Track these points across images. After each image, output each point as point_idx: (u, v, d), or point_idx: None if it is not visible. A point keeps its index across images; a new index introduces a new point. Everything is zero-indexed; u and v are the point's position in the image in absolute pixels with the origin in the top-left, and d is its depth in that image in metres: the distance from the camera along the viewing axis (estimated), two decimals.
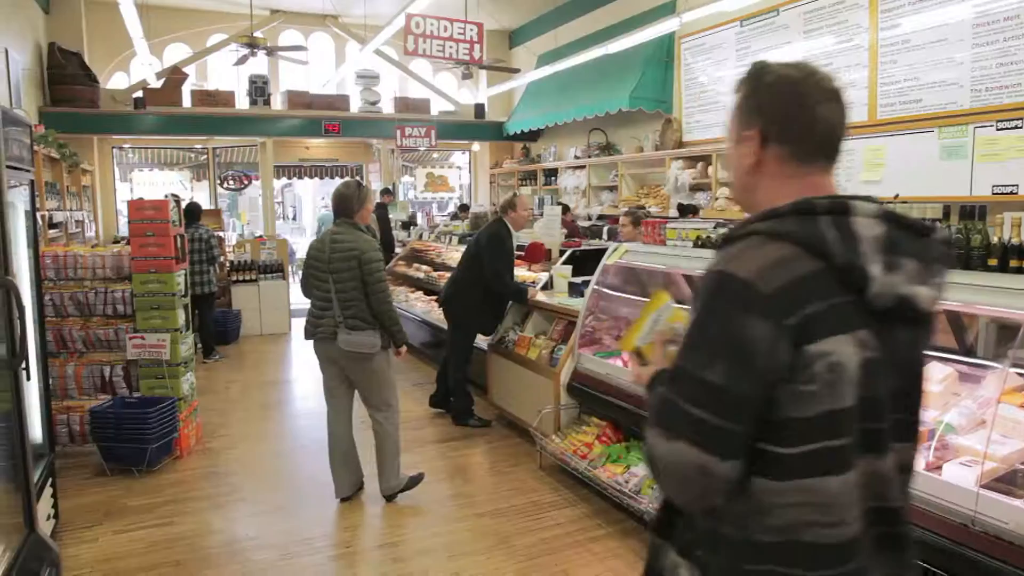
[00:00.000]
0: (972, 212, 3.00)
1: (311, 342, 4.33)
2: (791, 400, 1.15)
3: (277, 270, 9.61)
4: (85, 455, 5.00)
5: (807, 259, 1.17)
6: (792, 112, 1.30)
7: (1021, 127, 5.07)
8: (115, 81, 11.30)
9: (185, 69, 11.02)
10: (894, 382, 1.24)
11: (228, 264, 9.37)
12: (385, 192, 10.53)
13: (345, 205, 4.18)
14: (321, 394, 4.51)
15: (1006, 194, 5.16)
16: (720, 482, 1.17)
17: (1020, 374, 3.06)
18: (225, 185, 13.17)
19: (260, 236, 10.70)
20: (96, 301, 5.10)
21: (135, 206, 5.19)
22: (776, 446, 1.17)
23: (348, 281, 4.08)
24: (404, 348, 4.38)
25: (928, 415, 3.05)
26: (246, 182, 13.28)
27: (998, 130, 5.22)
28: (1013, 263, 2.83)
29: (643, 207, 7.74)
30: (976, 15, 5.51)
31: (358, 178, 4.31)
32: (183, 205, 6.02)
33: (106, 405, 4.85)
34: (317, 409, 6.43)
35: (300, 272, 4.78)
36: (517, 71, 10.71)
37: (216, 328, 8.41)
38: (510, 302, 5.80)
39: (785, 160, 1.31)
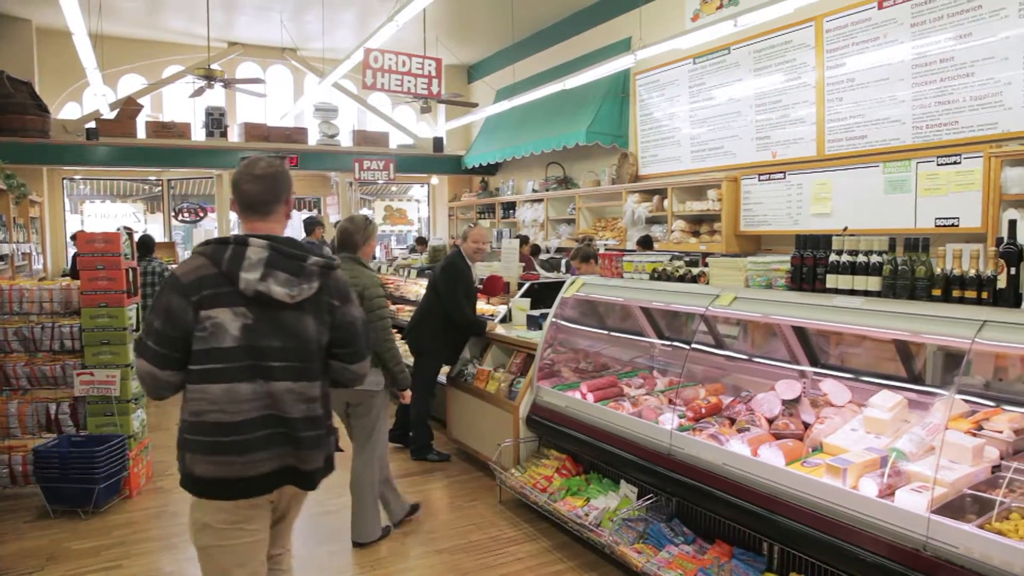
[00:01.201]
0: (916, 244, 3.10)
1: None
2: (196, 340, 2.13)
3: None
4: (27, 497, 4.82)
5: (209, 266, 2.16)
6: (233, 188, 2.34)
7: (960, 163, 5.28)
8: (67, 111, 11.12)
9: (140, 100, 10.89)
10: (278, 341, 2.18)
11: None
12: (318, 223, 10.48)
13: (349, 239, 4.08)
14: None
15: (948, 226, 5.34)
16: (163, 383, 2.17)
17: (966, 400, 3.15)
18: (180, 217, 12.98)
19: None
20: (42, 336, 4.95)
21: (84, 238, 5.08)
22: (191, 365, 2.14)
23: None
24: (408, 392, 4.27)
25: (880, 442, 3.11)
26: (201, 214, 13.10)
27: (939, 165, 5.42)
28: (955, 293, 2.92)
29: (591, 241, 7.82)
30: (915, 56, 5.74)
31: (365, 212, 4.27)
32: (136, 237, 5.91)
33: (51, 444, 4.68)
34: None
35: None
36: (475, 105, 10.82)
37: None
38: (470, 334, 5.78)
39: (239, 214, 2.35)
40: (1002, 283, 2.80)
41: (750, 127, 7.32)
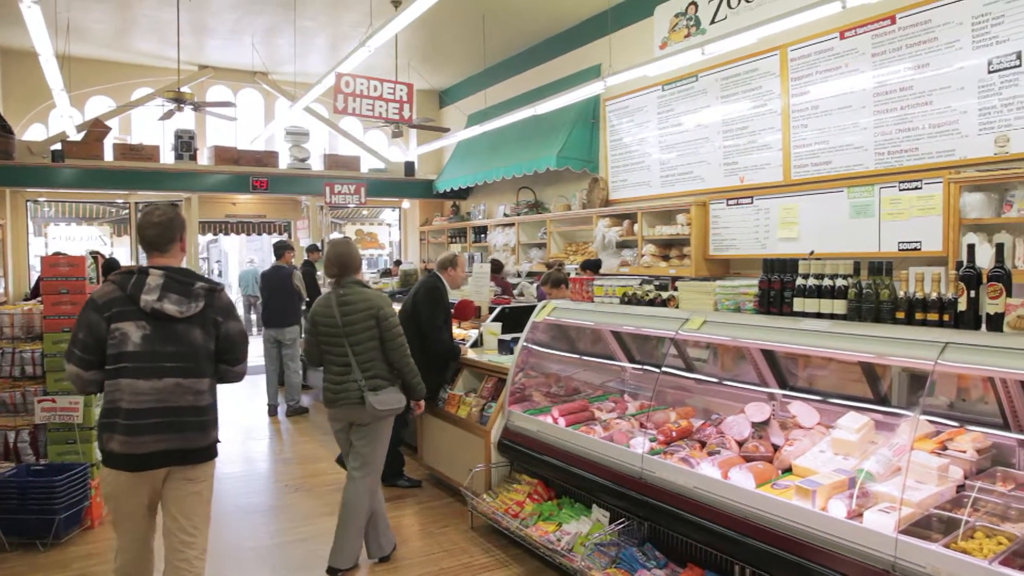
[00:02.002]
0: (880, 268, 3.16)
1: (329, 409, 4.14)
2: (109, 347, 2.80)
3: None
4: None
5: (117, 290, 2.84)
6: (138, 232, 3.15)
7: (921, 188, 5.40)
8: (32, 132, 10.96)
9: (108, 122, 10.77)
10: (172, 347, 2.84)
11: None
12: (312, 249, 10.39)
13: (352, 263, 4.12)
14: (246, 457, 4.38)
15: (911, 250, 5.46)
16: (88, 382, 2.86)
17: (930, 421, 3.21)
18: None
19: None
20: (2, 362, 4.84)
21: (49, 262, 4.99)
22: (107, 366, 2.82)
23: (366, 341, 3.99)
24: (423, 403, 4.33)
25: (848, 464, 3.14)
26: None
27: (900, 190, 5.54)
28: (918, 315, 2.98)
29: (561, 266, 7.85)
30: (876, 85, 5.89)
31: (345, 235, 4.22)
32: (102, 261, 5.81)
33: (9, 473, 4.56)
34: (242, 472, 6.20)
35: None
36: (447, 130, 10.86)
37: None
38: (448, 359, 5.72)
39: (144, 250, 3.01)
40: (963, 306, 2.86)
41: (718, 153, 7.44)
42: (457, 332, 6.49)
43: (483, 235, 11.63)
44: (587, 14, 9.21)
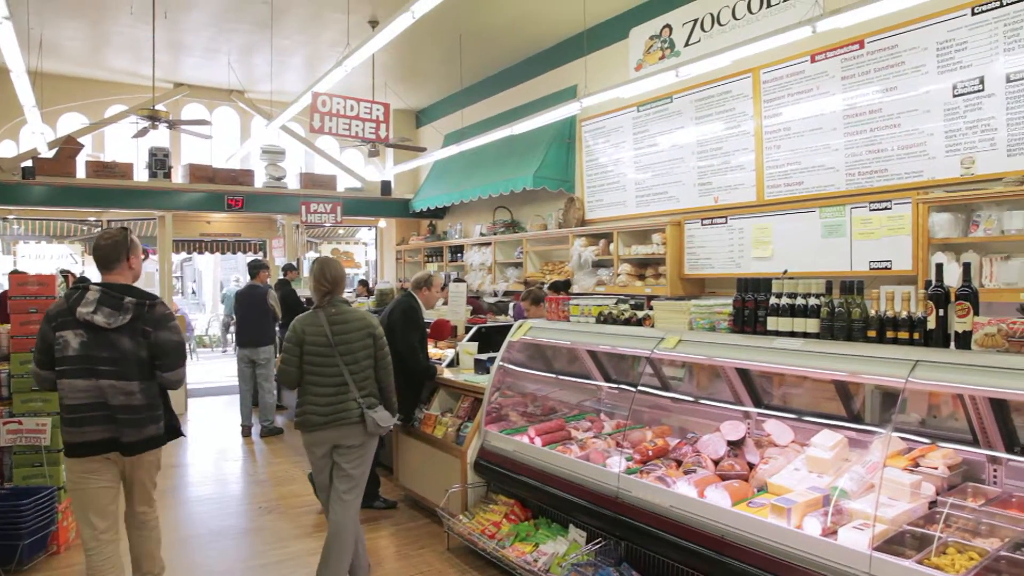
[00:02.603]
0: (852, 287, 3.21)
1: (307, 433, 3.97)
2: (55, 351, 3.28)
3: None
4: None
5: (64, 303, 3.33)
6: (91, 252, 3.60)
7: (890, 208, 5.49)
8: (2, 149, 10.81)
9: (81, 139, 10.65)
10: (105, 353, 3.28)
11: None
12: (289, 268, 10.32)
13: (343, 283, 4.14)
14: (219, 478, 4.32)
15: (881, 269, 5.54)
16: (43, 378, 3.38)
17: (902, 438, 3.24)
18: None
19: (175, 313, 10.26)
20: None
21: (16, 281, 4.90)
22: (56, 367, 3.29)
23: (363, 360, 3.96)
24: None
25: (823, 481, 3.16)
26: (143, 256, 12.77)
27: (871, 211, 5.63)
28: (889, 334, 3.02)
29: (541, 285, 7.86)
30: (846, 107, 6.00)
31: (312, 254, 4.22)
32: (72, 280, 5.73)
33: None
34: (214, 495, 6.10)
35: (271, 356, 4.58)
36: (423, 150, 10.88)
37: None
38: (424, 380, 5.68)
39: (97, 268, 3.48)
40: (932, 324, 2.90)
41: (692, 173, 7.52)
42: (433, 352, 6.47)
43: (459, 254, 11.63)
44: (563, 36, 9.30)
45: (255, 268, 8.76)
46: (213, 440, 8.19)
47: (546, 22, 8.88)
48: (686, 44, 7.56)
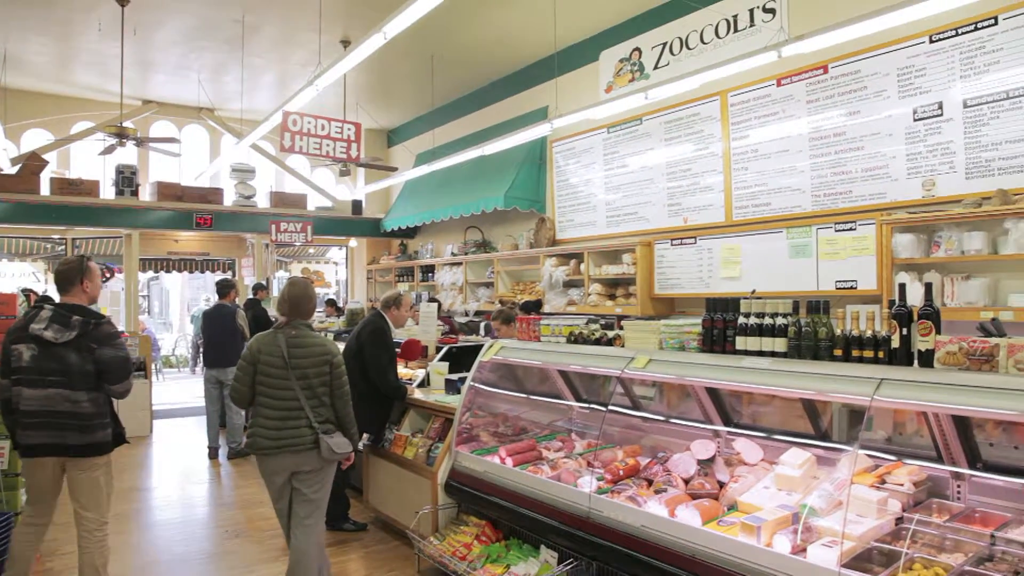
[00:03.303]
0: (818, 307, 3.26)
1: (264, 458, 3.89)
2: (11, 362, 3.72)
3: (139, 368, 9.08)
4: None
5: (22, 320, 3.80)
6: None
7: (855, 229, 5.60)
8: None
9: (46, 156, 10.48)
10: (54, 364, 3.68)
11: None
12: (259, 288, 10.21)
13: (305, 307, 4.03)
14: (184, 502, 4.25)
15: (847, 289, 5.63)
16: (2, 386, 3.76)
17: (869, 455, 3.29)
18: None
19: (121, 332, 10.08)
20: None
21: None
22: (12, 376, 3.73)
23: (319, 387, 3.88)
24: (353, 456, 4.13)
25: (792, 499, 3.19)
26: (108, 275, 12.56)
27: (836, 231, 5.73)
28: (855, 352, 3.07)
29: (514, 304, 7.87)
30: (811, 130, 6.13)
31: (302, 276, 4.13)
32: (34, 299, 5.61)
33: None
34: (178, 519, 5.98)
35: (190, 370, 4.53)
36: (395, 169, 10.88)
37: None
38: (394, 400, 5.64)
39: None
40: (896, 343, 2.95)
41: (662, 194, 7.61)
42: (404, 372, 6.43)
43: (431, 274, 11.61)
44: (534, 57, 9.39)
45: (224, 288, 8.66)
46: (178, 462, 8.03)
47: (518, 44, 8.97)
48: (655, 67, 7.68)
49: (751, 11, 6.64)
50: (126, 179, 11.01)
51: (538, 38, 8.59)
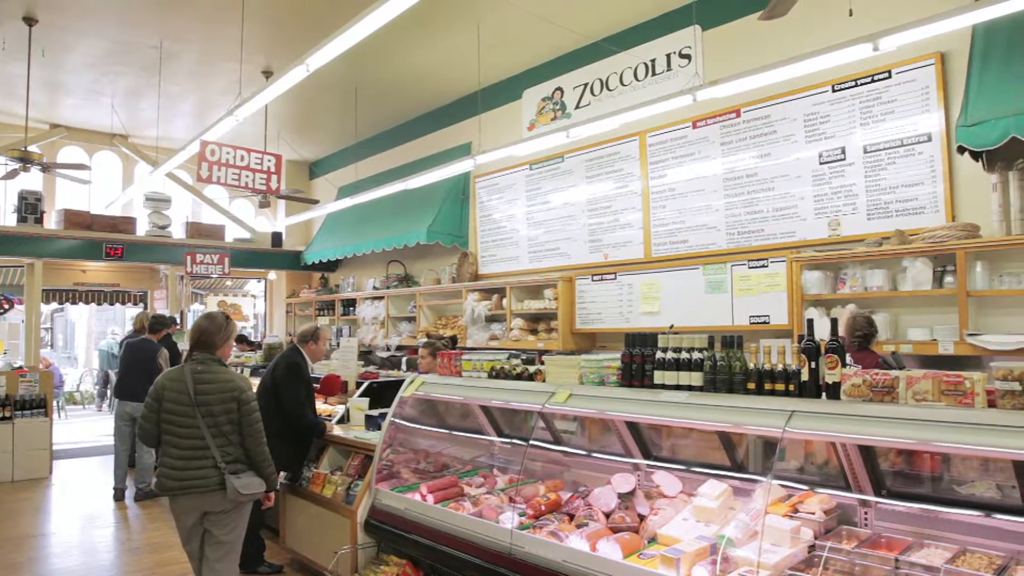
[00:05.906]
0: (732, 341, 3.35)
1: (171, 499, 3.74)
2: None
3: (38, 406, 8.58)
4: None
5: None
6: None
7: (767, 266, 5.83)
8: None
9: None
10: None
11: None
12: (171, 322, 9.83)
13: (208, 339, 3.85)
14: (87, 548, 4.02)
15: (760, 323, 5.83)
16: None
17: (782, 485, 3.38)
18: None
19: (20, 367, 9.53)
20: None
21: None
22: None
23: (225, 424, 3.69)
24: (273, 495, 3.99)
25: (710, 530, 3.24)
26: (7, 306, 11.90)
27: (750, 268, 5.95)
28: (767, 385, 3.17)
29: (442, 337, 7.84)
30: (725, 171, 6.38)
31: (222, 311, 3.97)
32: None
33: None
34: (78, 567, 5.63)
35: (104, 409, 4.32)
36: (316, 202, 10.74)
37: None
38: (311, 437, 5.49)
39: None
40: (805, 376, 3.07)
41: (583, 230, 7.75)
42: (323, 407, 6.28)
43: (352, 308, 11.45)
44: (459, 94, 9.49)
45: (158, 324, 8.32)
46: (81, 506, 7.59)
47: (442, 80, 9.04)
48: (577, 106, 7.87)
49: (668, 56, 6.90)
50: (30, 206, 10.48)
51: (462, 75, 8.69)
